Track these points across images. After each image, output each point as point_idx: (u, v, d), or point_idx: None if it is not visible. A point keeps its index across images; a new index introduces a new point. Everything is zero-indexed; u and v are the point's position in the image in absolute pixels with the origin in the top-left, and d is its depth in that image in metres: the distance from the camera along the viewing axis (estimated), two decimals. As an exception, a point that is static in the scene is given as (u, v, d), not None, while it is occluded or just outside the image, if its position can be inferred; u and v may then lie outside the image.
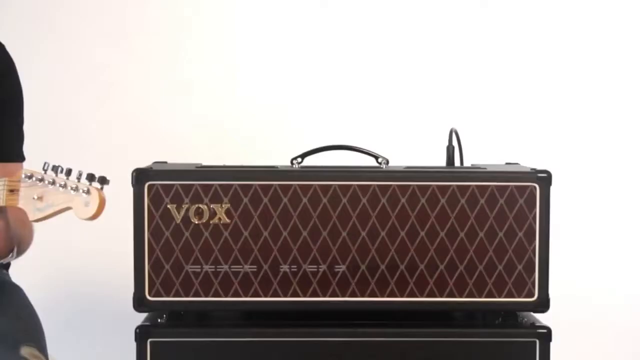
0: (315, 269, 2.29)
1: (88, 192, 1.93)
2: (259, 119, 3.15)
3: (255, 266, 2.28)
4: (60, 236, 3.09)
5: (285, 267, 2.28)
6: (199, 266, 2.28)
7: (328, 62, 3.21)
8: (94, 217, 1.94)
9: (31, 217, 2.00)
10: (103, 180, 1.95)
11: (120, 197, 2.16)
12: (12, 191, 2.01)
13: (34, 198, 1.98)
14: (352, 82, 3.22)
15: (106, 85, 3.18)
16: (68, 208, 1.96)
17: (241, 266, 2.28)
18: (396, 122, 3.16)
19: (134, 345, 2.29)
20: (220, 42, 3.22)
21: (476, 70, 3.23)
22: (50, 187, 1.97)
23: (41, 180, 1.98)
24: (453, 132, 2.54)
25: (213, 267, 2.28)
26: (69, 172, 1.97)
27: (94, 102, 3.17)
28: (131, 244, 2.28)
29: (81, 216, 1.94)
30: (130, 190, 2.26)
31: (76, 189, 1.95)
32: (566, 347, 2.45)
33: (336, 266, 2.29)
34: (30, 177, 1.99)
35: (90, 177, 1.95)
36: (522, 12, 3.24)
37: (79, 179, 1.95)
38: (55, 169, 1.98)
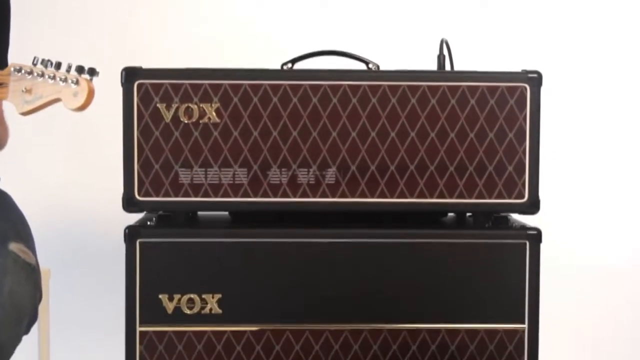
0: (305, 170, 2.28)
1: (77, 82, 1.92)
2: (249, 28, 3.13)
3: (244, 166, 2.27)
4: (48, 154, 3.10)
5: (275, 168, 2.28)
6: (189, 166, 2.27)
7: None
8: (82, 107, 1.93)
9: (19, 109, 1.99)
10: (92, 72, 1.94)
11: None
12: (1, 85, 2.00)
13: (22, 91, 1.97)
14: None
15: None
16: (57, 99, 1.95)
17: (231, 166, 2.27)
18: (388, 32, 3.14)
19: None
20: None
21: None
22: (39, 79, 1.96)
23: (30, 73, 1.97)
24: (444, 42, 2.52)
25: (202, 167, 2.27)
26: (58, 65, 1.96)
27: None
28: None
29: (70, 106, 1.93)
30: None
31: (65, 80, 1.94)
32: (556, 251, 2.45)
33: (326, 167, 2.28)
34: (19, 70, 1.98)
35: (80, 69, 1.94)
36: None
37: (68, 71, 1.95)
38: (44, 62, 1.97)
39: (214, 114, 2.26)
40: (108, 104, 2.31)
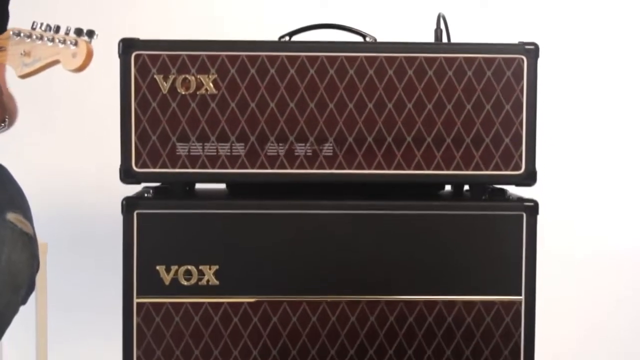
0: (302, 141, 2.28)
1: (76, 44, 1.93)
2: (248, 2, 3.13)
3: (242, 138, 2.27)
4: (45, 129, 3.10)
5: (272, 139, 2.28)
6: (186, 137, 2.27)
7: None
8: (81, 68, 1.93)
9: (18, 72, 2.00)
10: (91, 34, 1.94)
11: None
12: (0, 48, 2.01)
13: (21, 54, 1.98)
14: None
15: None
16: (56, 61, 1.96)
17: (228, 138, 2.27)
18: (385, 7, 3.14)
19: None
20: None
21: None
22: (38, 42, 1.97)
23: (29, 36, 1.98)
24: (441, 17, 2.53)
25: (200, 138, 2.27)
26: (57, 29, 1.97)
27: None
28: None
29: (68, 67, 1.94)
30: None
31: (64, 42, 1.94)
32: (552, 223, 2.46)
33: (323, 138, 2.28)
34: (18, 34, 1.99)
35: (78, 32, 1.95)
36: None
37: (67, 33, 1.96)
38: (43, 26, 1.98)
39: (211, 85, 2.26)
40: (105, 75, 2.31)
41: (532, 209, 2.30)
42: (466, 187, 2.48)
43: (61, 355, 2.91)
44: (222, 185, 2.47)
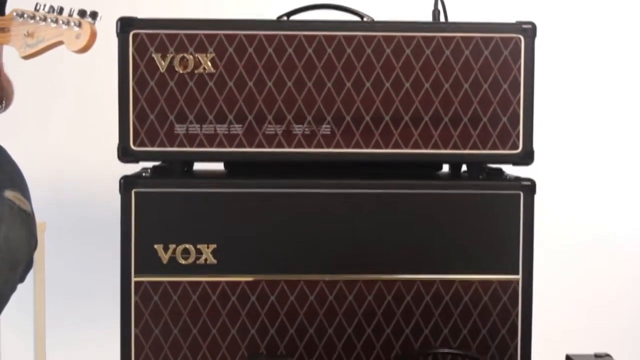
0: (300, 120, 2.28)
1: (79, 25, 1.94)
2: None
3: (239, 117, 2.28)
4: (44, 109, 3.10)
5: (269, 118, 2.28)
6: (184, 116, 2.27)
7: None
8: (85, 48, 1.94)
9: (21, 53, 2.01)
10: (94, 15, 1.95)
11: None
12: (3, 29, 2.01)
13: (24, 35, 1.99)
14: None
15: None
16: (59, 42, 1.97)
17: (226, 117, 2.28)
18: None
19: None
20: None
21: None
22: (42, 23, 1.97)
23: (32, 17, 1.99)
24: (438, -1, 2.53)
25: (197, 117, 2.27)
26: (60, 10, 1.98)
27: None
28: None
29: (72, 48, 1.95)
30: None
31: (67, 23, 1.95)
32: (550, 202, 2.46)
33: (321, 117, 2.28)
34: (21, 15, 1.99)
35: (82, 13, 1.95)
36: None
37: (70, 15, 1.96)
38: (47, 7, 1.98)
39: (209, 64, 2.26)
40: (104, 54, 2.31)
41: (529, 188, 2.30)
42: (464, 168, 2.48)
43: (59, 333, 2.92)
44: (220, 167, 2.47)
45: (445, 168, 2.56)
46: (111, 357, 2.36)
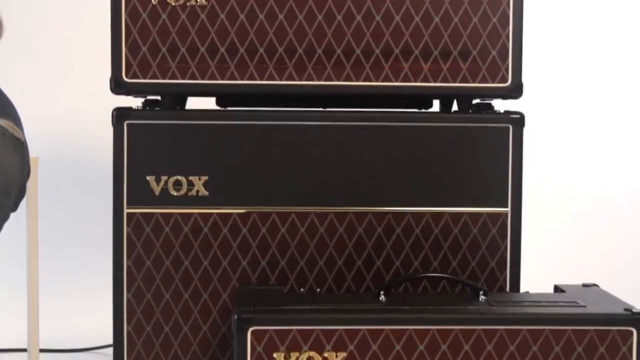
0: (291, 53, 2.30)
1: None
2: None
3: (231, 49, 2.29)
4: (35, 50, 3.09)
5: (261, 51, 2.29)
6: (176, 49, 2.29)
7: None
8: None
9: None
10: None
11: None
12: None
13: None
14: None
15: None
16: None
17: (217, 49, 2.29)
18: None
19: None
20: None
21: None
22: None
23: None
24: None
25: (190, 49, 2.29)
26: None
27: None
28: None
29: None
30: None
31: None
32: (538, 136, 2.47)
33: (312, 50, 2.30)
34: None
35: None
36: None
37: None
38: None
39: (201, -4, 2.28)
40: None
41: (518, 121, 2.32)
42: (455, 107, 2.50)
43: (52, 259, 2.93)
44: (212, 103, 2.49)
45: (436, 107, 2.57)
46: (105, 287, 2.37)
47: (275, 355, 2.01)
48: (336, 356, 2.01)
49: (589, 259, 3.24)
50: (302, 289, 2.30)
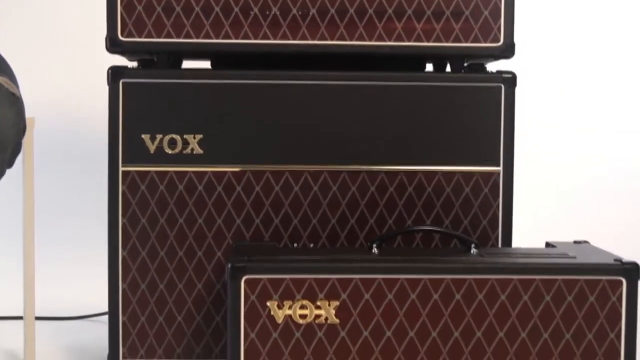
0: (286, 12, 2.31)
1: None
2: None
3: (226, 8, 2.31)
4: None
5: (255, 10, 2.31)
6: (171, 7, 2.30)
7: None
8: None
9: None
10: None
11: None
12: None
13: None
14: None
15: None
16: None
17: (212, 8, 2.31)
18: None
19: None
20: None
21: None
22: None
23: None
24: None
25: (185, 8, 2.30)
26: None
27: None
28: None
29: None
30: None
31: None
32: (530, 96, 2.49)
33: (305, 9, 2.32)
34: None
35: None
36: None
37: None
38: None
39: (196, -46, 2.30)
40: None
41: (510, 80, 2.34)
42: (448, 69, 2.51)
43: (48, 215, 2.95)
44: (207, 65, 2.51)
45: (429, 68, 2.59)
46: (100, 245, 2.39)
47: (268, 303, 2.03)
48: (329, 305, 2.02)
49: (582, 219, 3.25)
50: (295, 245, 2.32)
